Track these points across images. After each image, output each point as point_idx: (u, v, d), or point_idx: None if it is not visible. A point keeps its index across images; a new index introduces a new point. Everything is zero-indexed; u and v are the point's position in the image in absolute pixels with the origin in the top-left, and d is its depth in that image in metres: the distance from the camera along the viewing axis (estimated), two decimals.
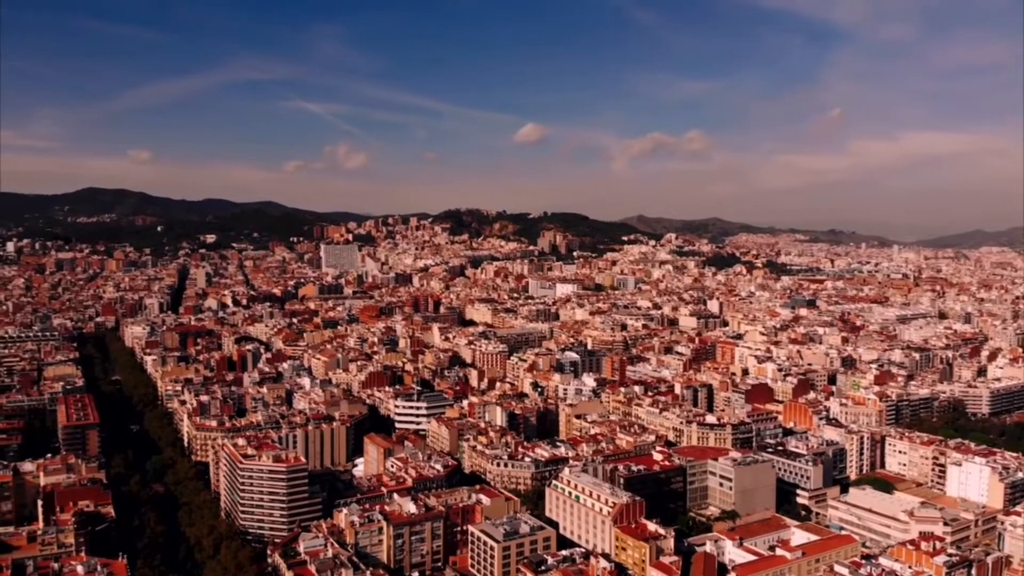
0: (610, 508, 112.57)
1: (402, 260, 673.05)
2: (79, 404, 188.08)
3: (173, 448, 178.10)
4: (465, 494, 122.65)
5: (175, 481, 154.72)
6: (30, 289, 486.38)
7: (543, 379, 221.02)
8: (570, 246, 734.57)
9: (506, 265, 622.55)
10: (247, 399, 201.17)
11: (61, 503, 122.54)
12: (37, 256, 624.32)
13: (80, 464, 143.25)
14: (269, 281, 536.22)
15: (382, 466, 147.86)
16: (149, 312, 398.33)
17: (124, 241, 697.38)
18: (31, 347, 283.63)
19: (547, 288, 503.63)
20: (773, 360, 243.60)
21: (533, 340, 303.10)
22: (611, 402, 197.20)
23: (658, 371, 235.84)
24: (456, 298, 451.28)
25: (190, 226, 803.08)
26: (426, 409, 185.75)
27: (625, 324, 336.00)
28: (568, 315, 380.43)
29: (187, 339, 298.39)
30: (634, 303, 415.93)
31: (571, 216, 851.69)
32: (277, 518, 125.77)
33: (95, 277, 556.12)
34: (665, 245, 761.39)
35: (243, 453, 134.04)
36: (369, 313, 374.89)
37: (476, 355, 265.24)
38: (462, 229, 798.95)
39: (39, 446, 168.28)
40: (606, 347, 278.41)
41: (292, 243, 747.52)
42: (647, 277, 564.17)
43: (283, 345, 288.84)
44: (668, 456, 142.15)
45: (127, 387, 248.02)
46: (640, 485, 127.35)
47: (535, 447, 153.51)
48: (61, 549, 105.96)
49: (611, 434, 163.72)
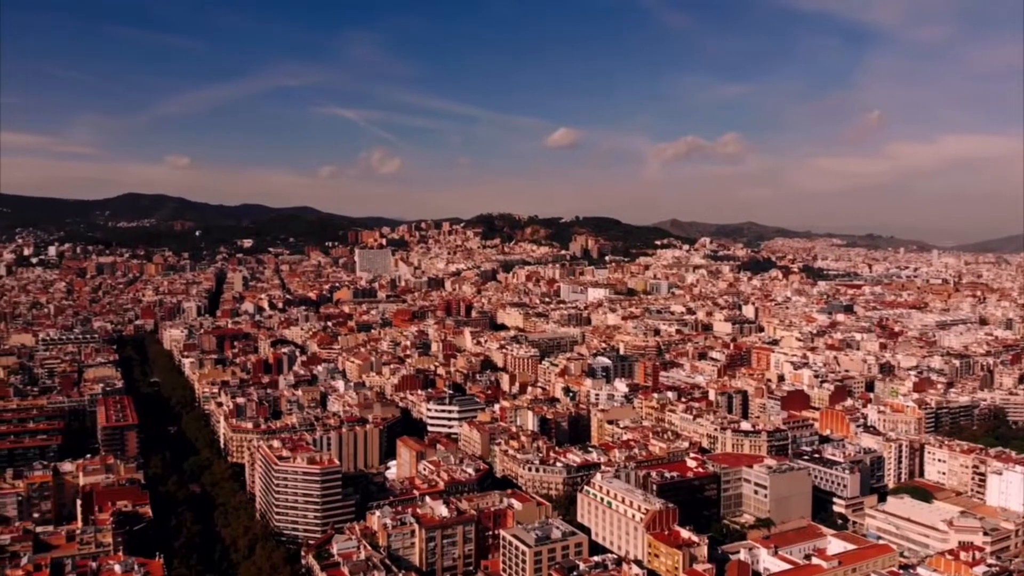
0: (643, 515, 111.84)
1: (434, 264, 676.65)
2: (118, 405, 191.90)
3: (210, 449, 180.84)
4: (497, 498, 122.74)
5: (211, 482, 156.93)
6: (71, 293, 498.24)
7: (575, 384, 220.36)
8: (602, 250, 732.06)
9: (538, 269, 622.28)
10: (282, 401, 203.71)
11: (100, 503, 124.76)
12: (78, 260, 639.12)
13: (119, 464, 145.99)
14: (305, 285, 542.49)
15: (414, 469, 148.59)
16: (187, 315, 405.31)
17: (163, 246, 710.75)
18: (72, 349, 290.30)
19: (579, 292, 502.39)
20: (809, 366, 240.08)
21: (565, 345, 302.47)
22: (644, 408, 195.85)
23: (692, 377, 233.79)
24: (488, 302, 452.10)
25: (227, 231, 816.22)
26: (458, 413, 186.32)
27: (658, 329, 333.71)
28: (600, 320, 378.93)
29: (224, 342, 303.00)
30: (667, 308, 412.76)
31: (603, 220, 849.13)
32: (311, 519, 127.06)
33: (135, 281, 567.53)
34: (699, 249, 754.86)
35: (278, 455, 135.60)
36: (402, 317, 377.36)
37: (508, 359, 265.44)
38: (494, 234, 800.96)
39: (79, 447, 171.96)
40: (639, 352, 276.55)
41: (327, 248, 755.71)
42: (681, 282, 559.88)
43: (318, 348, 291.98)
44: (702, 463, 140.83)
45: (165, 389, 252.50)
46: (673, 492, 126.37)
47: (567, 452, 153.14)
48: (99, 548, 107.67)
49: (644, 440, 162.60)
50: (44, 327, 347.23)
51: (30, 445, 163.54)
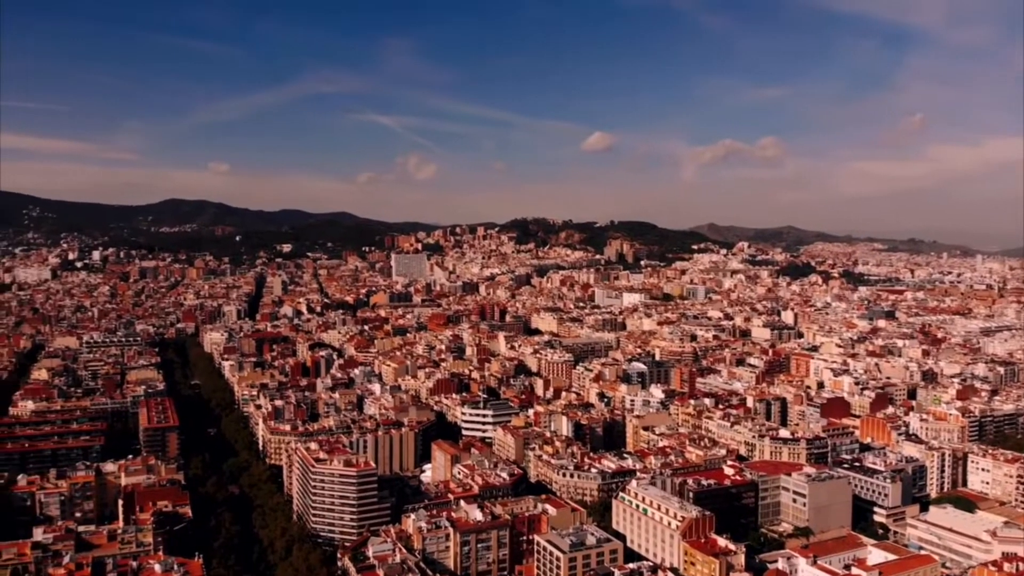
0: (679, 522, 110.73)
1: (469, 269, 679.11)
2: (160, 407, 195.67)
3: (249, 451, 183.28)
4: (531, 503, 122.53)
5: (250, 483, 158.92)
6: (115, 296, 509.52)
7: (609, 389, 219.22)
8: (637, 255, 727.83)
9: (572, 274, 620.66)
10: (320, 404, 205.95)
11: (141, 503, 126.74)
12: (122, 264, 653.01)
13: (160, 465, 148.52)
14: (342, 289, 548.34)
15: (449, 472, 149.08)
16: (227, 319, 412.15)
17: (204, 250, 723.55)
18: (115, 352, 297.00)
19: (613, 297, 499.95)
20: (850, 373, 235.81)
21: (599, 350, 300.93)
22: (680, 414, 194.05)
23: (729, 383, 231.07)
24: (522, 307, 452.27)
25: (267, 236, 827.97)
26: (492, 417, 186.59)
27: (695, 335, 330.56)
28: (635, 325, 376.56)
29: (263, 345, 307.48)
30: (704, 313, 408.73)
31: (638, 224, 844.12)
32: (347, 522, 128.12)
33: (176, 285, 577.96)
34: (737, 254, 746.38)
35: (315, 457, 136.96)
36: (437, 321, 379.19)
37: (542, 364, 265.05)
38: (528, 238, 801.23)
39: (121, 447, 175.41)
40: (675, 358, 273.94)
41: (364, 253, 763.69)
42: (718, 287, 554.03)
43: (355, 351, 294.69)
44: (739, 470, 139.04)
45: (206, 391, 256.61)
46: (710, 499, 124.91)
47: (601, 458, 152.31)
48: (140, 548, 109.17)
49: (680, 447, 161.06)
50: (88, 330, 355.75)
51: (73, 446, 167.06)
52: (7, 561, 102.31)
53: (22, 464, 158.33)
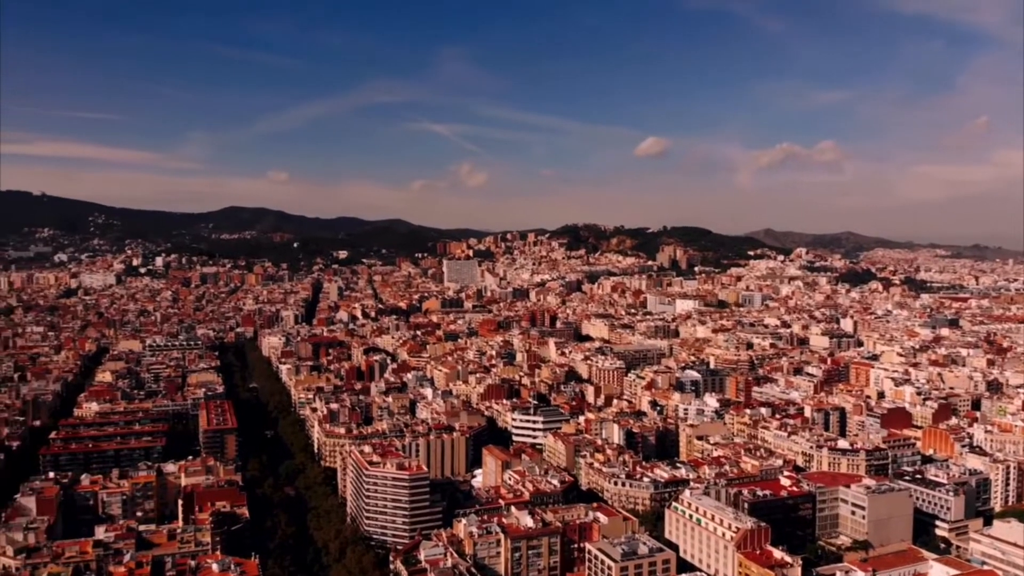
0: (733, 533, 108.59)
1: (519, 275, 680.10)
2: (219, 409, 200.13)
3: (304, 453, 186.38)
4: (582, 511, 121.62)
5: (305, 485, 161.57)
6: (177, 301, 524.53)
7: (662, 398, 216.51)
8: (691, 261, 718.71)
9: (623, 280, 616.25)
10: (374, 408, 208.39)
11: (200, 503, 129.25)
12: (183, 270, 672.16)
13: (218, 466, 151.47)
14: (396, 295, 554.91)
15: (500, 478, 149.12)
16: (285, 323, 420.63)
17: (263, 257, 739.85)
18: (176, 355, 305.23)
19: (666, 304, 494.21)
20: (911, 383, 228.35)
21: (651, 357, 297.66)
22: (735, 424, 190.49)
23: (786, 393, 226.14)
24: (572, 313, 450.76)
25: (324, 243, 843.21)
26: (543, 423, 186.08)
27: (751, 342, 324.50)
28: (689, 332, 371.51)
29: (319, 349, 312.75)
30: (761, 321, 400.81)
31: (692, 230, 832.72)
32: (399, 525, 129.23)
33: (236, 290, 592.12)
34: (795, 260, 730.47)
35: (369, 460, 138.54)
36: (488, 327, 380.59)
37: (592, 371, 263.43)
38: (579, 244, 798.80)
39: (181, 448, 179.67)
40: (730, 366, 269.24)
41: (417, 259, 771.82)
42: (775, 294, 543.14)
43: (407, 356, 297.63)
44: (796, 481, 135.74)
45: (263, 394, 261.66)
46: (766, 511, 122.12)
47: (654, 467, 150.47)
48: (198, 547, 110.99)
49: (735, 457, 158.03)
50: (151, 334, 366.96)
51: (135, 446, 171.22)
52: (70, 559, 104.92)
53: (86, 464, 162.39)
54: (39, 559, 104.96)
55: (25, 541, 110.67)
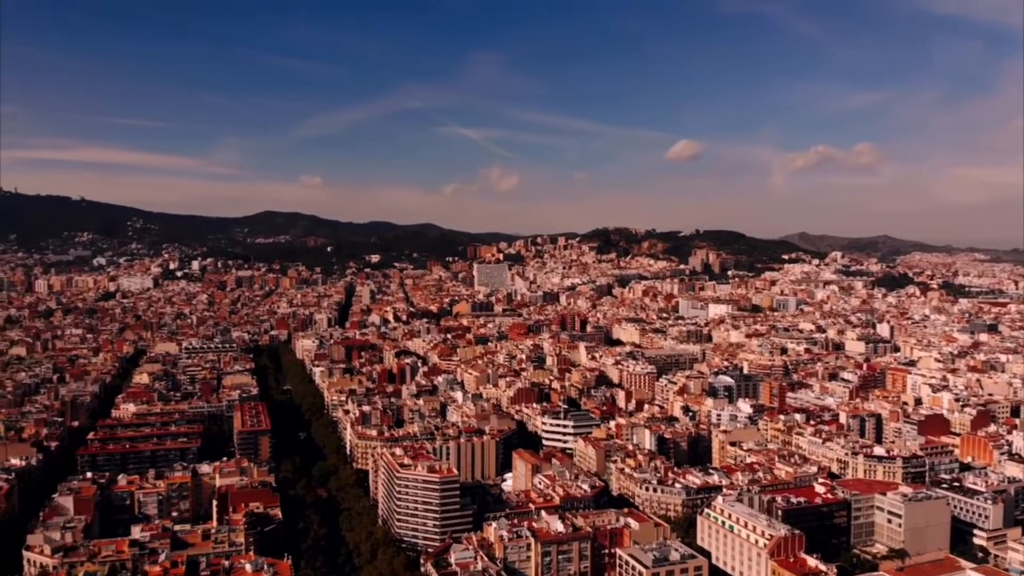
0: (767, 540, 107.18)
1: (550, 279, 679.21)
2: (253, 411, 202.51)
3: (337, 455, 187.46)
4: (613, 516, 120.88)
5: (337, 487, 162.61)
6: (212, 304, 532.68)
7: (694, 403, 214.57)
8: (724, 265, 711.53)
9: (655, 284, 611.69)
10: (405, 410, 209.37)
11: (234, 504, 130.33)
12: (219, 274, 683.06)
13: (252, 468, 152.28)
14: (427, 298, 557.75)
15: (530, 482, 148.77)
16: (318, 326, 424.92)
17: (297, 260, 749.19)
18: (212, 357, 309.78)
19: (699, 308, 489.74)
20: (949, 389, 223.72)
21: (684, 362, 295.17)
22: (769, 430, 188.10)
23: (821, 398, 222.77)
24: (603, 317, 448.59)
25: (356, 247, 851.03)
26: (573, 428, 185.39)
27: (785, 348, 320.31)
28: (722, 337, 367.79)
29: (352, 352, 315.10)
30: (795, 325, 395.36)
31: (725, 233, 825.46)
32: (430, 527, 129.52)
33: (271, 294, 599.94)
34: (830, 264, 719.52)
35: (400, 462, 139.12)
36: (518, 330, 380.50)
37: (623, 375, 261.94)
38: (610, 248, 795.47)
39: (216, 449, 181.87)
40: (764, 372, 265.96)
41: (448, 263, 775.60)
42: (810, 298, 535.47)
43: (438, 359, 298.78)
44: (831, 489, 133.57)
45: (297, 396, 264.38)
46: (800, 518, 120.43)
47: (686, 473, 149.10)
48: (232, 548, 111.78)
49: (769, 463, 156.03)
50: (187, 336, 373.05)
51: (171, 447, 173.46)
52: (106, 558, 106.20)
53: (123, 464, 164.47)
54: (76, 558, 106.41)
55: (63, 540, 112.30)
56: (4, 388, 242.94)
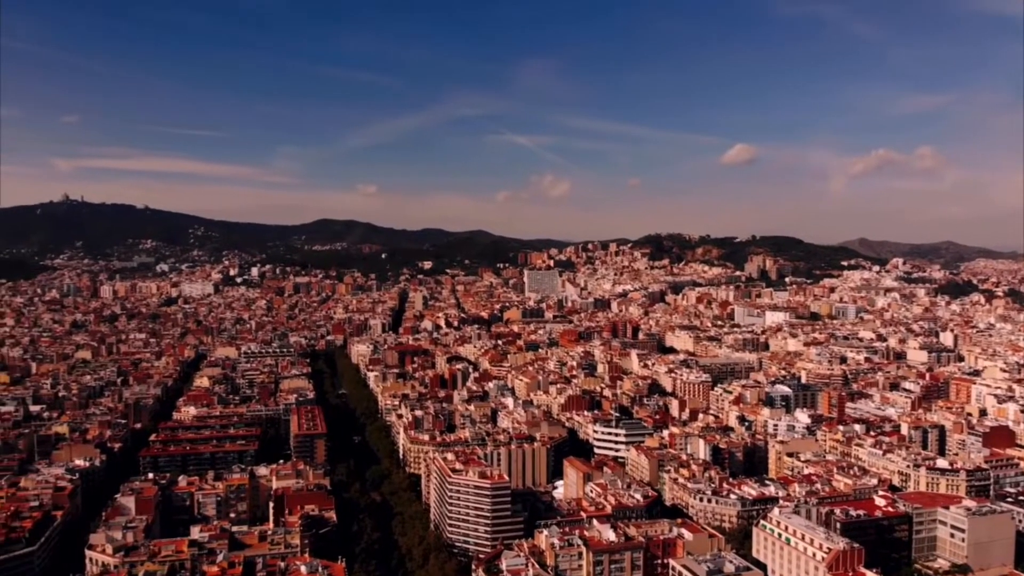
0: (824, 554, 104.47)
1: (601, 285, 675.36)
2: (309, 415, 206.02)
3: (390, 459, 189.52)
4: (666, 527, 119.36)
5: (390, 491, 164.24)
6: (271, 310, 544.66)
7: (750, 413, 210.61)
8: (781, 271, 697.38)
9: (709, 291, 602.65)
10: (456, 415, 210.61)
11: (290, 506, 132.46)
12: (277, 280, 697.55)
13: (308, 470, 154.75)
14: (478, 305, 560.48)
15: (581, 490, 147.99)
16: (373, 332, 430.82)
17: (353, 267, 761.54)
18: (270, 362, 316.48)
19: (755, 316, 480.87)
20: (1016, 400, 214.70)
21: (739, 371, 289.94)
22: (828, 441, 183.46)
23: (882, 409, 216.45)
24: (656, 324, 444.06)
25: (410, 253, 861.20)
26: (625, 436, 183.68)
27: (845, 356, 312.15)
28: (779, 345, 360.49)
29: (405, 357, 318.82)
30: (855, 334, 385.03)
31: (782, 239, 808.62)
32: (481, 533, 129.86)
33: (327, 300, 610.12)
34: (891, 271, 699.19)
35: (451, 467, 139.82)
36: (568, 337, 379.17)
37: (677, 384, 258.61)
38: (662, 254, 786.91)
39: (273, 452, 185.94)
40: (822, 381, 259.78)
41: (499, 269, 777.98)
42: (870, 306, 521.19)
43: (489, 365, 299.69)
44: (892, 502, 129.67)
45: (352, 400, 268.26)
46: (859, 531, 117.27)
47: (741, 484, 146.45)
48: (288, 549, 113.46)
49: (827, 475, 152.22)
50: (246, 341, 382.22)
51: (230, 449, 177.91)
52: (166, 558, 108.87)
53: (183, 466, 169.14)
54: (136, 557, 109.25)
55: (124, 540, 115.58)
56: (70, 391, 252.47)
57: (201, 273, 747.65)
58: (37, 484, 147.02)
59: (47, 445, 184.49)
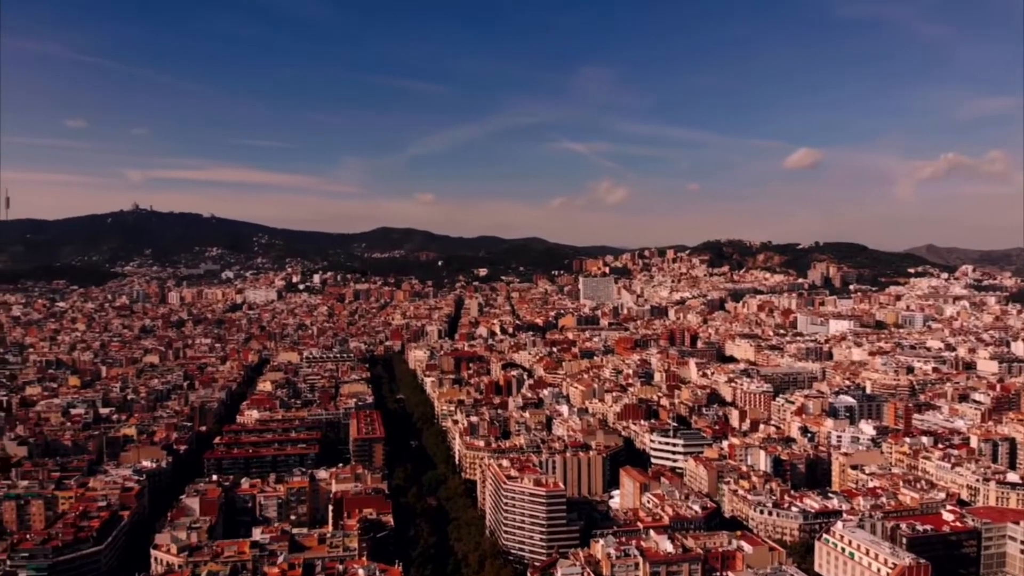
0: (889, 569, 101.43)
1: (658, 292, 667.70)
2: (368, 419, 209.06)
3: (446, 464, 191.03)
4: (725, 539, 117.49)
5: (446, 496, 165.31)
6: (332, 316, 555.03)
7: (813, 424, 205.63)
8: (845, 279, 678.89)
9: (771, 299, 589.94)
10: (511, 422, 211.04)
11: (348, 509, 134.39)
12: (338, 287, 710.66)
13: (367, 474, 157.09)
14: (532, 312, 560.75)
15: (638, 500, 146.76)
16: (429, 338, 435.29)
17: (410, 274, 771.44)
18: (331, 367, 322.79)
19: (818, 324, 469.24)
20: None
21: (802, 381, 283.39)
22: (893, 453, 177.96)
23: (950, 421, 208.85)
24: (715, 333, 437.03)
25: (465, 261, 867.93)
26: (683, 447, 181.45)
27: (911, 366, 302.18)
28: (843, 354, 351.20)
29: (461, 363, 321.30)
30: (922, 343, 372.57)
31: (846, 246, 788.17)
32: (537, 541, 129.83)
33: (386, 306, 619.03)
34: (960, 278, 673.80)
35: (507, 474, 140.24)
36: (624, 345, 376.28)
37: (737, 394, 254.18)
38: (722, 261, 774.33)
39: (333, 455, 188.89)
40: (888, 392, 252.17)
41: (553, 276, 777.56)
42: (938, 314, 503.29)
43: (544, 372, 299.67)
44: (960, 516, 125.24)
45: (409, 405, 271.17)
46: (925, 547, 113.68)
47: (803, 497, 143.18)
48: (346, 552, 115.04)
49: (893, 488, 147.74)
50: (308, 346, 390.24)
51: (291, 453, 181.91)
52: (228, 558, 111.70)
53: (246, 468, 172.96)
54: (200, 557, 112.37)
55: (188, 540, 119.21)
56: (139, 394, 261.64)
57: (265, 280, 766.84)
58: (105, 485, 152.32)
59: (116, 447, 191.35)
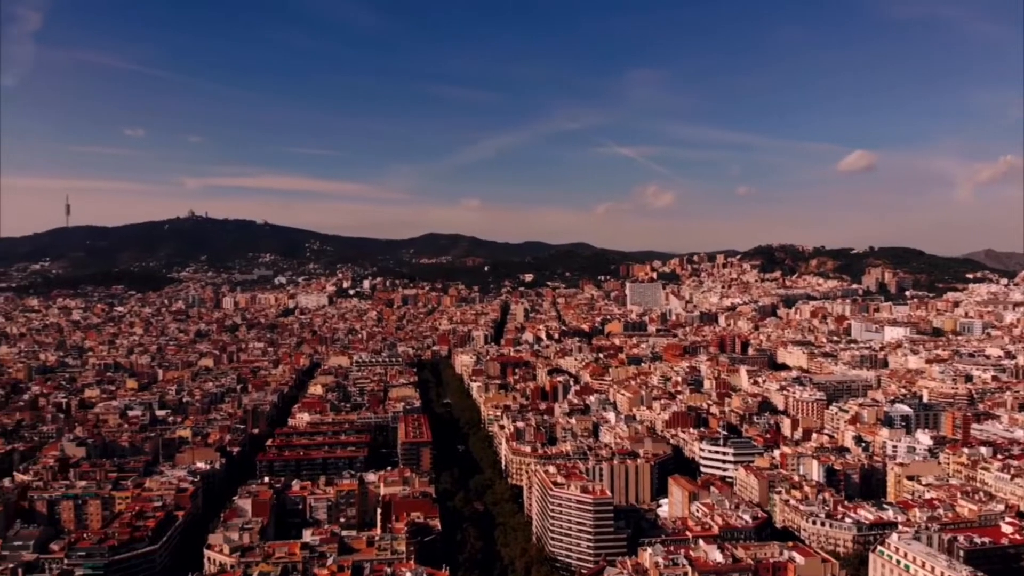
0: None
1: (707, 298, 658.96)
2: (416, 423, 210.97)
3: (492, 469, 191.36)
4: (776, 549, 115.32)
5: (493, 501, 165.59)
6: (381, 320, 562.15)
7: (868, 433, 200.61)
8: (901, 284, 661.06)
9: (824, 305, 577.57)
10: (557, 428, 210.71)
11: (397, 512, 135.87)
12: (387, 292, 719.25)
13: (414, 478, 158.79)
14: (578, 317, 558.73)
15: (687, 509, 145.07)
16: (476, 343, 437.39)
17: (457, 280, 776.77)
18: (380, 371, 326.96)
19: (873, 331, 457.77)
20: None
21: (856, 389, 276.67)
22: (951, 464, 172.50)
23: (1011, 431, 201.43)
24: (766, 339, 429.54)
25: (511, 266, 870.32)
26: (733, 455, 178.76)
27: (970, 375, 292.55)
28: (899, 362, 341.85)
29: (507, 368, 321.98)
30: (981, 351, 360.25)
31: (902, 251, 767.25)
32: (583, 548, 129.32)
33: (433, 311, 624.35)
34: (1020, 284, 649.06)
35: (553, 481, 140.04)
36: (673, 351, 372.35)
37: (789, 402, 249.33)
38: (774, 266, 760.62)
39: (381, 459, 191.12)
40: (946, 401, 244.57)
41: (599, 281, 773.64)
42: (997, 321, 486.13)
43: (590, 379, 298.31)
44: (1019, 529, 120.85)
45: (456, 410, 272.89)
46: (983, 560, 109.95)
47: (857, 507, 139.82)
48: (394, 555, 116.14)
49: (950, 500, 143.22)
50: (358, 350, 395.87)
51: (341, 456, 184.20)
52: (279, 559, 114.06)
53: (297, 471, 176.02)
54: (252, 558, 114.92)
55: (240, 540, 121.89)
56: (194, 396, 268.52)
57: (316, 285, 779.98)
58: (161, 485, 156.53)
59: (171, 448, 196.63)
